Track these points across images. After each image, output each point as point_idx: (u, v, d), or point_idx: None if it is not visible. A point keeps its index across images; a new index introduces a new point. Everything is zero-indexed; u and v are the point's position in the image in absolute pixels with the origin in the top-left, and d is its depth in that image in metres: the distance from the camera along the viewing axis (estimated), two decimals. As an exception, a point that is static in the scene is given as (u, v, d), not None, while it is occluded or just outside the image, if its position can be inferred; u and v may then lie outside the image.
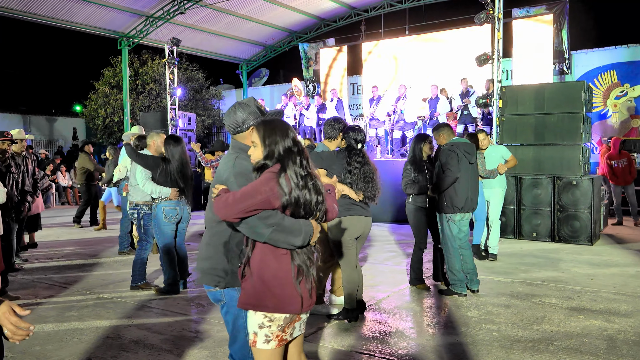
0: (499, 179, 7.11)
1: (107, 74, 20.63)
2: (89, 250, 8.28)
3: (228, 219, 2.23)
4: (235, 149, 2.58)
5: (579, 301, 5.15)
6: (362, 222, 4.58)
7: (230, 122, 2.62)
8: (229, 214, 2.21)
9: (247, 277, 2.34)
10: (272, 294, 2.29)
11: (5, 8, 13.91)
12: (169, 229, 5.57)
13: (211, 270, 2.53)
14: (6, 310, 1.64)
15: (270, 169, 2.30)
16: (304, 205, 2.29)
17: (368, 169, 4.50)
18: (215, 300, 2.59)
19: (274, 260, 2.30)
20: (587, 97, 8.52)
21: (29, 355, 3.91)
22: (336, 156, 4.54)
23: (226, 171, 2.48)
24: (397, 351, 3.95)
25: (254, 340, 2.36)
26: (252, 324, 2.36)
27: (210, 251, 2.55)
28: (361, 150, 4.53)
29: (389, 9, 17.02)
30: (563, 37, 14.28)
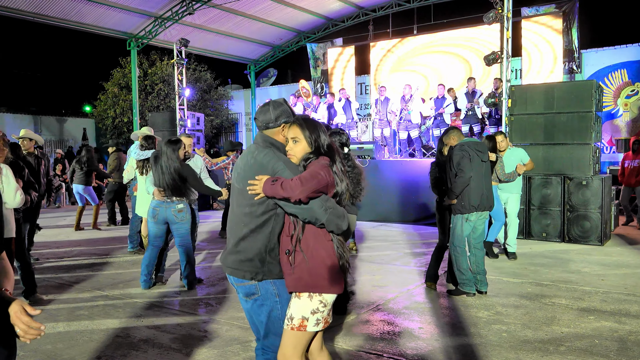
0: (516, 182, 7.12)
1: (117, 75, 20.77)
2: (99, 249, 8.33)
3: (302, 197, 2.34)
4: (267, 143, 2.64)
5: (589, 302, 5.12)
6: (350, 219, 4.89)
7: (265, 118, 2.67)
8: (304, 192, 2.33)
9: (300, 261, 2.50)
10: (329, 276, 2.50)
11: (17, 10, 14.05)
12: (152, 227, 5.71)
13: (246, 264, 2.56)
14: (18, 310, 1.66)
15: (320, 160, 2.52)
16: (342, 195, 2.57)
17: (357, 172, 4.85)
18: (248, 295, 2.60)
19: (326, 243, 2.52)
20: (597, 96, 8.45)
21: (40, 354, 3.95)
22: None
23: (270, 161, 2.51)
24: (405, 351, 3.94)
25: (301, 325, 2.50)
26: (302, 309, 2.51)
27: (246, 244, 2.56)
28: (348, 154, 4.87)
29: (397, 8, 16.98)
30: (573, 36, 14.18)
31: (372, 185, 10.99)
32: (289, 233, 2.53)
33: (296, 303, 2.52)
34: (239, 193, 2.61)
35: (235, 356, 3.87)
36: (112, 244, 8.78)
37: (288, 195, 2.36)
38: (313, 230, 2.51)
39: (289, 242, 2.53)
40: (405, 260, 7.19)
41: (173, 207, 5.60)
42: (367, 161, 11.12)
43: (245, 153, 2.69)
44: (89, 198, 10.45)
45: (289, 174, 2.45)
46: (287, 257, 2.52)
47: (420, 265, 6.86)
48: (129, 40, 16.98)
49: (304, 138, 2.56)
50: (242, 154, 2.74)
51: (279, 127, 2.65)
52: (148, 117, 16.19)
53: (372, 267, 6.76)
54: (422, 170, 10.36)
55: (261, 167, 2.52)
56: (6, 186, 4.40)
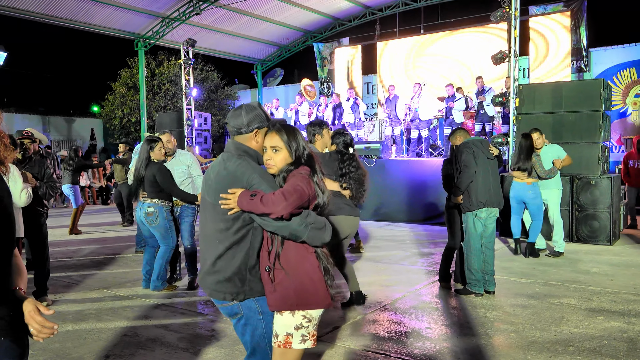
0: (555, 179, 7.17)
1: (124, 75, 20.88)
2: (107, 249, 8.37)
3: (284, 213, 2.19)
4: (239, 151, 2.46)
5: (598, 302, 5.08)
6: (350, 221, 4.81)
7: (236, 122, 2.49)
8: (287, 208, 2.19)
9: (282, 278, 2.35)
10: (314, 291, 2.36)
11: (26, 11, 14.15)
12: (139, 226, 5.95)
13: (225, 284, 2.39)
14: (32, 309, 1.68)
15: (299, 170, 2.37)
16: (323, 207, 2.44)
17: (361, 173, 4.80)
18: (231, 315, 2.48)
19: (308, 256, 2.37)
20: (606, 95, 8.39)
21: (48, 352, 3.97)
22: (328, 158, 4.76)
23: (245, 173, 2.35)
24: (413, 351, 3.93)
25: (286, 342, 2.37)
26: (285, 326, 2.37)
27: (223, 263, 2.39)
28: (353, 155, 4.80)
29: (404, 7, 16.95)
30: (581, 34, 14.09)
31: (378, 184, 11.00)
32: (268, 248, 2.38)
33: (279, 320, 2.39)
34: (211, 208, 2.42)
35: (243, 355, 3.86)
36: (120, 243, 8.82)
37: (269, 211, 2.19)
38: (294, 244, 2.35)
39: (267, 258, 2.38)
40: (413, 260, 7.17)
41: (144, 209, 5.53)
42: (373, 161, 11.10)
43: (215, 162, 2.51)
44: (72, 198, 10.06)
45: (267, 188, 2.31)
46: (268, 274, 2.36)
47: (428, 265, 6.84)
48: (137, 41, 17.06)
49: (284, 146, 2.41)
50: (213, 163, 2.54)
51: (252, 132, 2.47)
52: (155, 117, 16.28)
53: (379, 267, 6.75)
54: (429, 170, 10.34)
55: (234, 178, 2.35)
56: (13, 186, 4.43)
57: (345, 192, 4.69)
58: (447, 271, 5.69)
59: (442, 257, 5.72)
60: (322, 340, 4.14)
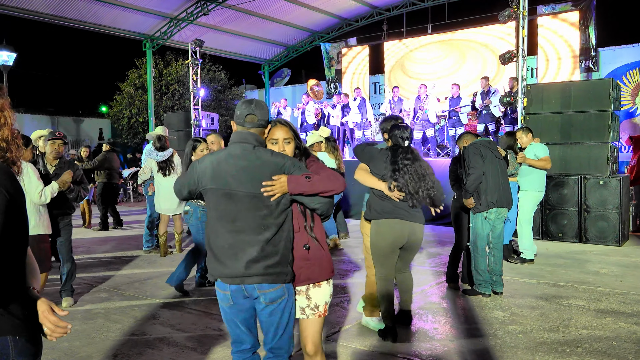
0: (532, 180, 6.78)
1: (132, 75, 20.97)
2: (115, 248, 8.41)
3: (342, 189, 2.54)
4: (258, 142, 2.56)
5: (607, 303, 5.05)
6: (400, 226, 4.03)
7: (264, 116, 2.58)
8: (343, 186, 2.55)
9: (315, 251, 2.64)
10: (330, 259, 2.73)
11: (35, 12, 14.25)
12: None
13: (276, 267, 2.49)
14: (45, 309, 1.71)
15: (311, 159, 2.70)
16: None
17: (419, 166, 4.00)
18: (275, 299, 2.51)
19: (321, 227, 2.71)
20: (615, 95, 8.33)
21: (57, 351, 4.00)
22: (378, 153, 4.13)
23: (283, 160, 2.51)
24: (420, 352, 3.93)
25: (325, 311, 2.70)
26: (325, 296, 2.69)
27: (272, 248, 2.48)
28: (409, 148, 4.07)
29: (411, 7, 16.90)
30: (590, 34, 13.99)
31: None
32: (300, 227, 2.60)
33: (318, 292, 2.66)
34: (247, 198, 2.47)
35: (250, 355, 3.88)
36: (128, 243, 8.87)
37: (331, 189, 2.49)
38: (317, 218, 2.66)
39: (302, 236, 2.60)
40: (420, 260, 7.16)
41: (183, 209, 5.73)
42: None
43: (237, 154, 2.52)
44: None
45: (299, 172, 2.50)
46: (307, 251, 2.60)
47: (435, 265, 6.82)
48: (145, 41, 17.13)
49: (294, 138, 2.67)
50: (231, 156, 2.53)
51: (267, 127, 2.63)
52: (163, 117, 16.32)
53: (386, 267, 6.73)
54: (437, 170, 10.21)
55: (275, 166, 2.48)
56: (27, 184, 4.48)
57: (395, 193, 3.94)
58: (454, 272, 5.67)
59: (450, 258, 5.71)
60: (329, 340, 4.15)
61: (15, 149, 1.73)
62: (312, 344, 2.68)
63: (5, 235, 1.56)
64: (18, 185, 1.68)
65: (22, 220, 1.68)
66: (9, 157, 1.71)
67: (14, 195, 1.62)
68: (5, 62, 15.06)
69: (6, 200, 1.58)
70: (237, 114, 2.61)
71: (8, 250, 1.60)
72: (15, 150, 1.72)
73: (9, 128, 1.71)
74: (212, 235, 2.55)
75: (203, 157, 2.66)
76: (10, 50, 15.16)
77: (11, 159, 1.72)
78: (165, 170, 7.40)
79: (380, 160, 4.05)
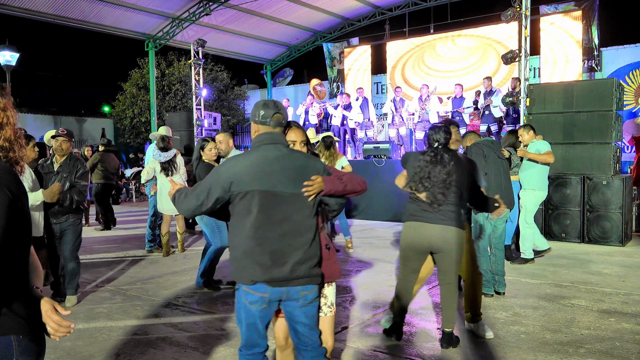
0: (533, 179, 6.67)
1: (135, 75, 21.00)
2: (116, 248, 8.43)
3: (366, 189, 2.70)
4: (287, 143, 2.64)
5: (609, 303, 5.04)
6: (419, 229, 3.90)
7: (286, 115, 2.65)
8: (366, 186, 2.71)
9: (333, 251, 2.79)
10: None
11: (38, 12, 14.29)
12: None
13: (317, 268, 2.56)
14: (49, 309, 1.71)
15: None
16: None
17: (440, 170, 3.82)
18: (313, 299, 2.55)
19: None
20: (617, 95, 8.32)
21: (59, 351, 4.01)
22: (412, 156, 4.10)
23: (317, 161, 2.63)
24: (422, 352, 3.92)
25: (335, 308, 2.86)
26: (334, 294, 2.85)
27: (313, 249, 2.52)
28: (436, 149, 3.90)
29: (414, 7, 16.90)
30: (593, 34, 13.97)
31: (388, 185, 10.96)
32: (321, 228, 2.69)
33: (331, 290, 2.83)
34: (292, 199, 2.48)
35: (252, 355, 3.88)
36: (131, 243, 8.88)
37: (360, 189, 2.65)
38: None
39: (321, 237, 2.68)
40: (422, 261, 7.14)
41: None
42: (383, 161, 11.08)
43: (276, 156, 2.50)
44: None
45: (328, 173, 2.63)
46: (327, 250, 2.71)
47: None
48: (147, 41, 17.16)
49: (306, 142, 2.81)
50: (269, 157, 2.49)
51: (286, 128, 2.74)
52: (165, 117, 16.35)
53: (389, 267, 6.73)
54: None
55: (314, 166, 2.58)
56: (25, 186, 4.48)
57: (422, 195, 3.88)
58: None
59: None
60: (331, 340, 4.14)
61: (18, 149, 1.73)
62: (332, 339, 2.83)
63: (8, 235, 1.57)
64: (21, 185, 1.68)
65: (25, 220, 1.68)
66: (12, 156, 1.71)
67: (16, 195, 1.62)
68: (8, 62, 15.09)
69: (9, 200, 1.58)
70: (261, 114, 2.56)
71: (11, 250, 1.60)
72: (18, 150, 1.72)
73: (12, 128, 1.71)
74: (251, 240, 2.46)
75: (228, 161, 2.55)
76: (14, 50, 15.19)
77: (14, 159, 1.72)
78: (167, 171, 7.41)
79: (411, 162, 4.04)
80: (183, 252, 7.91)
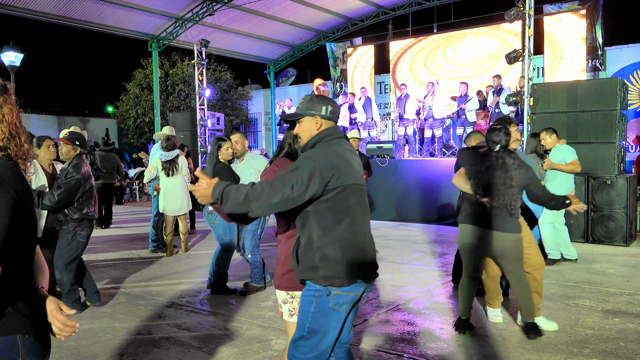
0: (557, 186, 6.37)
1: (138, 76, 21.05)
2: (120, 248, 8.44)
3: None
4: None
5: (614, 304, 5.02)
6: (469, 233, 4.08)
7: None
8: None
9: None
10: None
11: (42, 12, 14.33)
12: None
13: None
14: (54, 308, 1.72)
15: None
16: None
17: (501, 174, 3.82)
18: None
19: None
20: (622, 94, 8.29)
21: (64, 350, 4.02)
22: (467, 156, 4.16)
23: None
24: (426, 352, 3.92)
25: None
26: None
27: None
28: (496, 153, 3.89)
29: (417, 7, 16.87)
30: (597, 33, 13.92)
31: (391, 185, 10.97)
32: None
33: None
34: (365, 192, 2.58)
35: (255, 354, 3.89)
36: (134, 243, 8.89)
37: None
38: None
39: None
40: (426, 260, 7.14)
41: (206, 209, 5.55)
42: (386, 161, 11.07)
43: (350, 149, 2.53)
44: None
45: None
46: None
47: (441, 265, 6.81)
48: (151, 42, 17.18)
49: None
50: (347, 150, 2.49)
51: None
52: (169, 117, 16.39)
53: (392, 267, 6.73)
54: (443, 170, 10.28)
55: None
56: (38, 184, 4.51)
57: (483, 199, 3.91)
58: (460, 272, 5.64)
59: (455, 258, 5.69)
60: (334, 340, 4.14)
61: (17, 148, 1.70)
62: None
63: (13, 235, 1.57)
64: (26, 185, 1.68)
65: (30, 220, 1.68)
66: (11, 154, 1.69)
67: (21, 194, 1.62)
68: (12, 63, 15.15)
69: (14, 199, 1.58)
70: (329, 109, 2.51)
71: (16, 249, 1.60)
72: (15, 149, 1.70)
73: (7, 125, 1.69)
74: (351, 236, 2.39)
75: (320, 154, 2.38)
76: (18, 50, 15.25)
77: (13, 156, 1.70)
78: (168, 171, 7.43)
79: (469, 163, 4.08)
80: (186, 252, 7.93)
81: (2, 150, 1.67)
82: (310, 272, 2.38)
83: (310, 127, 2.49)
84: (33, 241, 1.72)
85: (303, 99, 2.58)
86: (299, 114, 2.53)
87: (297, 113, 2.54)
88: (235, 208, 2.26)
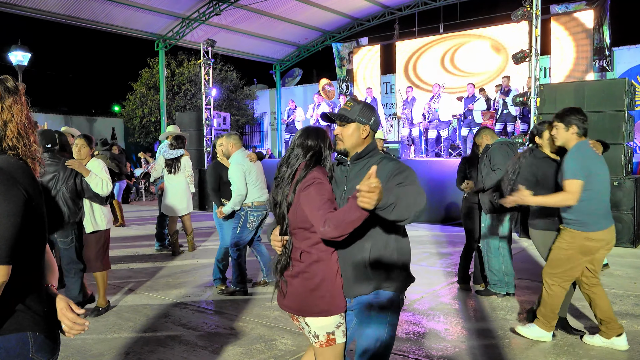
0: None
1: (145, 75, 21.12)
2: (126, 246, 8.47)
3: None
4: None
5: (621, 305, 4.99)
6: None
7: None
8: None
9: None
10: None
11: (49, 12, 14.42)
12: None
13: None
14: (64, 307, 1.75)
15: None
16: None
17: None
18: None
19: None
20: (629, 95, 8.24)
21: (70, 349, 4.04)
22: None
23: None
24: (431, 352, 3.91)
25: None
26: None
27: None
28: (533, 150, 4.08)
29: (423, 7, 16.85)
30: (604, 33, 13.85)
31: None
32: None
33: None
34: None
35: (261, 354, 3.90)
36: (140, 241, 8.92)
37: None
38: None
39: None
40: (432, 261, 7.13)
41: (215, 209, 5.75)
42: (392, 161, 11.05)
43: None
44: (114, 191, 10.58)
45: None
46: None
47: (447, 265, 6.79)
48: (157, 41, 17.25)
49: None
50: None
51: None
52: (175, 116, 16.43)
53: (397, 268, 6.71)
54: (449, 170, 10.25)
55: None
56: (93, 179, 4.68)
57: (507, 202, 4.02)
58: (466, 272, 5.64)
59: (461, 258, 5.67)
60: (339, 340, 4.14)
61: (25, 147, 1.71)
62: None
63: (24, 235, 1.58)
64: (37, 184, 1.69)
65: (40, 219, 1.69)
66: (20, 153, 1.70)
67: (32, 193, 1.63)
68: (20, 62, 15.22)
69: (24, 199, 1.59)
70: (376, 121, 2.52)
71: (27, 248, 1.62)
72: (24, 148, 1.71)
73: (16, 125, 1.70)
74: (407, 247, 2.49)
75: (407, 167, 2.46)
76: (25, 50, 15.31)
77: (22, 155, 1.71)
78: (171, 168, 7.49)
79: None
80: (192, 251, 7.94)
81: (12, 149, 1.68)
82: (387, 280, 2.39)
83: (359, 134, 2.45)
84: (43, 240, 1.73)
85: (351, 102, 2.48)
86: (349, 117, 2.43)
87: (345, 116, 2.43)
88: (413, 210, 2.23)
